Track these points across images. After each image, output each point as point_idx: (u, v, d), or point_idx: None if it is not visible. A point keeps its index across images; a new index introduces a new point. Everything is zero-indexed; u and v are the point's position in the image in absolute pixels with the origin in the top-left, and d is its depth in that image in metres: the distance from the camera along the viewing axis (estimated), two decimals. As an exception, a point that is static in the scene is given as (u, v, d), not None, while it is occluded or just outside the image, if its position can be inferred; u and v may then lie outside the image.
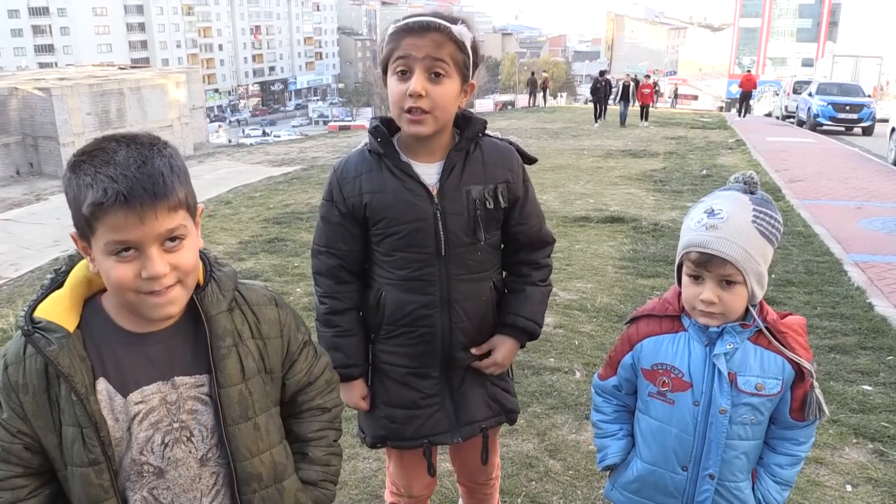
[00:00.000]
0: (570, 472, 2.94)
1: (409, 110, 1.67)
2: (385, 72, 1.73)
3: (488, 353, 1.90)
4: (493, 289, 1.89)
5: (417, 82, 1.64)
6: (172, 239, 1.17)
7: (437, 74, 1.66)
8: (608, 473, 1.85)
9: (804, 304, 4.97)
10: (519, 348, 1.95)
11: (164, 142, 1.21)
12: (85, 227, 1.15)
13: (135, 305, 1.19)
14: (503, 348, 1.90)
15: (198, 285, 1.27)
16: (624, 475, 1.77)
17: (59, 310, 1.20)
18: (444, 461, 2.76)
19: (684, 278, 1.61)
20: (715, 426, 1.60)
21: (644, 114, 21.44)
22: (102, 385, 1.21)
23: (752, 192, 1.59)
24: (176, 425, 1.25)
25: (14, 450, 1.20)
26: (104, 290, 1.25)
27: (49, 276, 1.26)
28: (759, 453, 1.68)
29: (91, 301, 1.25)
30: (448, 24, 1.67)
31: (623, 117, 20.87)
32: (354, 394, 1.90)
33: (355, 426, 2.95)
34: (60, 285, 1.24)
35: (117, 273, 1.14)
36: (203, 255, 1.30)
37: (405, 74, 1.67)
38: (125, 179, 1.10)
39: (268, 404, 1.35)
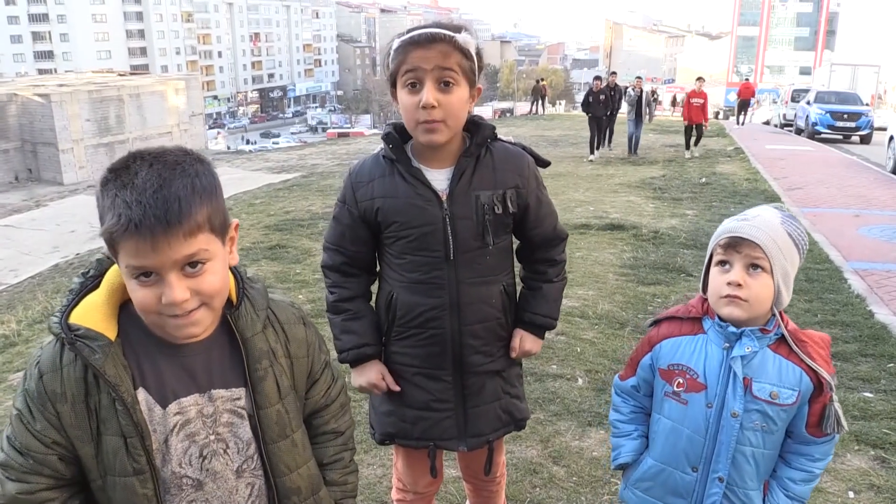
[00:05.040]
0: (574, 478, 2.94)
1: (424, 121, 1.70)
2: (394, 85, 1.76)
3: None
4: (503, 292, 1.91)
5: (429, 93, 1.67)
6: (193, 264, 1.13)
7: (447, 83, 1.69)
8: (620, 475, 1.88)
9: (805, 311, 4.98)
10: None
11: (196, 157, 1.16)
12: (109, 247, 1.14)
13: (159, 326, 1.17)
14: (529, 340, 1.97)
15: (231, 303, 1.26)
16: (635, 472, 1.80)
17: (97, 317, 1.17)
18: (451, 467, 2.76)
19: (713, 270, 1.64)
20: (726, 429, 1.62)
21: (696, 136, 14.87)
22: (142, 395, 1.20)
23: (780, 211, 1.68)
24: (213, 437, 1.25)
25: (48, 461, 1.17)
26: None
27: (77, 279, 1.22)
28: (772, 465, 1.69)
29: (125, 308, 1.22)
30: (452, 34, 1.70)
31: (633, 142, 15.26)
32: (370, 373, 1.88)
33: (363, 429, 2.97)
34: (90, 289, 1.21)
35: (139, 297, 1.13)
36: (235, 272, 1.28)
37: (416, 87, 1.70)
38: (138, 206, 1.06)
39: (300, 421, 1.36)
